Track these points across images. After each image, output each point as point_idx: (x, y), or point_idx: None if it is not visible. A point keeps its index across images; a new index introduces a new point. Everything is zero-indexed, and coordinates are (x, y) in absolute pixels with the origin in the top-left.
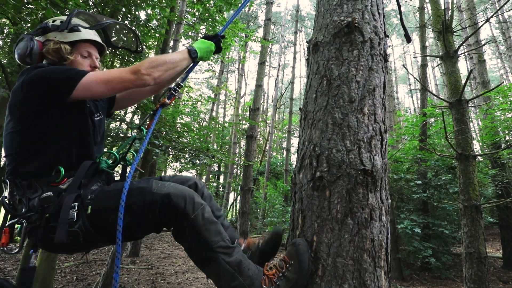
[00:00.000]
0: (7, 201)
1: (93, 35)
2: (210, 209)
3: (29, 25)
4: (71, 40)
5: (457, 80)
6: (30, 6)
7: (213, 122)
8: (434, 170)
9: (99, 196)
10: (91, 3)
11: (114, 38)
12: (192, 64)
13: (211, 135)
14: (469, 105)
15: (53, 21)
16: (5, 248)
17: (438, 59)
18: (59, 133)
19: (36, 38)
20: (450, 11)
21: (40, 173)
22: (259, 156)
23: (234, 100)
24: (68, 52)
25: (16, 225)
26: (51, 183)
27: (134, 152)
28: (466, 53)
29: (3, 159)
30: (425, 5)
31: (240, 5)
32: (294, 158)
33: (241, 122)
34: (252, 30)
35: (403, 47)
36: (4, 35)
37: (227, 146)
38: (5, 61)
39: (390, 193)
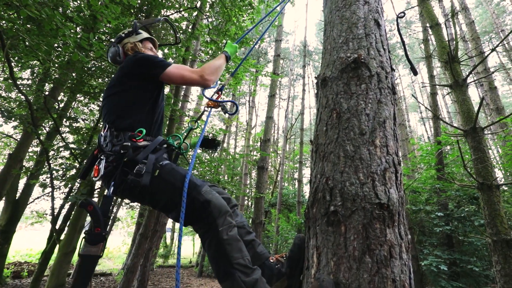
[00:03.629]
0: (101, 139)
1: (147, 34)
2: (242, 223)
3: (56, 65)
4: (140, 39)
5: (469, 108)
6: (59, 49)
7: (224, 153)
8: (456, 200)
9: (166, 168)
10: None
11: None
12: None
13: (222, 166)
14: (485, 133)
15: (123, 33)
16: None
17: (447, 87)
18: (146, 104)
19: (117, 45)
20: (454, 42)
21: (126, 129)
22: (270, 187)
23: (245, 131)
24: (140, 47)
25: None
26: (132, 138)
27: (188, 143)
28: (475, 81)
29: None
30: (429, 37)
31: (251, 43)
32: (306, 188)
33: (252, 153)
34: (262, 65)
35: (410, 77)
36: (34, 75)
37: (237, 178)
38: (31, 98)
39: (410, 226)
